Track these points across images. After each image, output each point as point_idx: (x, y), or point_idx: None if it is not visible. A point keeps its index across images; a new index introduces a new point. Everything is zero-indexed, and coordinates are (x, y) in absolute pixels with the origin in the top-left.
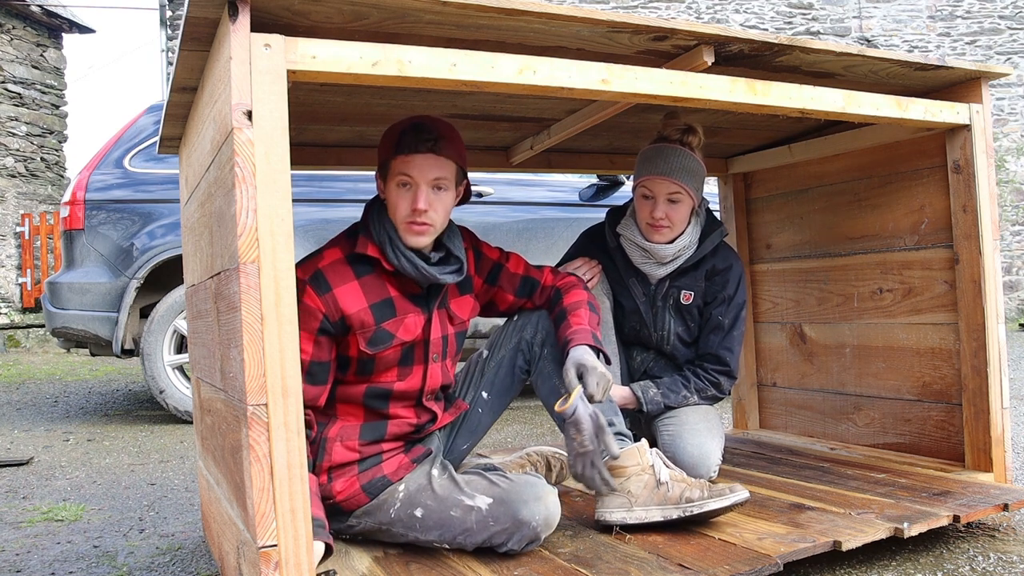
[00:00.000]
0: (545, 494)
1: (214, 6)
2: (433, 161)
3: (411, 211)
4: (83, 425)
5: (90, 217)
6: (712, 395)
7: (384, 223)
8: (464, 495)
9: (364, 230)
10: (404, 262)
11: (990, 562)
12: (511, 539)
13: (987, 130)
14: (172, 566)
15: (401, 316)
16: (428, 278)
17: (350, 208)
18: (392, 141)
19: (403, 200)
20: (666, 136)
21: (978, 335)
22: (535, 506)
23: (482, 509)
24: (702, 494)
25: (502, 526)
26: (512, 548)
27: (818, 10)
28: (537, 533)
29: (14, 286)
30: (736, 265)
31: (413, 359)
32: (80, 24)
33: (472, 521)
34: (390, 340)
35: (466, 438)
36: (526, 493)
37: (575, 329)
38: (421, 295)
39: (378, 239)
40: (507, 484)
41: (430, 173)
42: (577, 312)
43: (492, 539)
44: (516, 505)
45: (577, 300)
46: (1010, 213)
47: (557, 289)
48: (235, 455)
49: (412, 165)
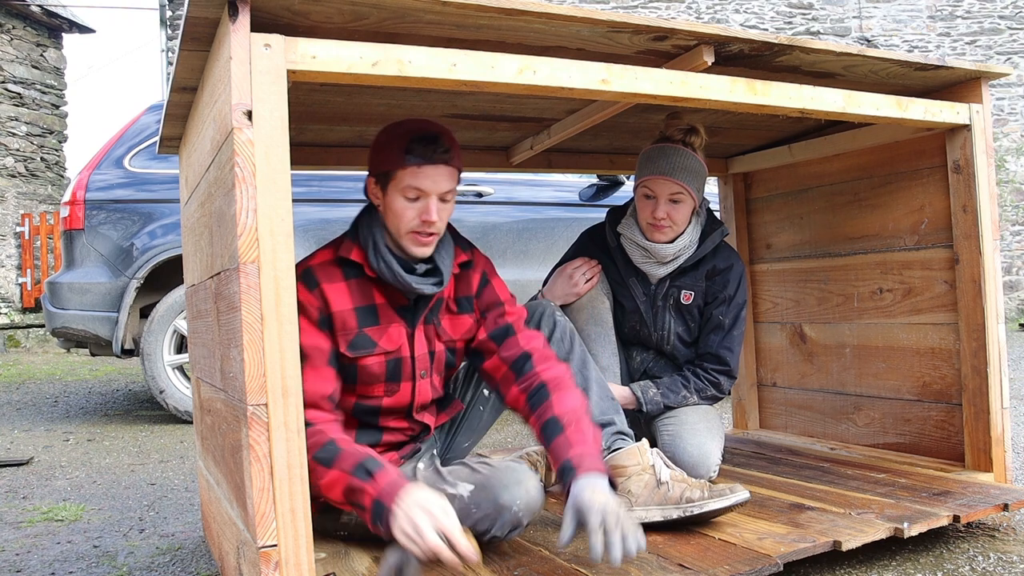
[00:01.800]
0: (526, 479)
1: (214, 6)
2: (445, 172)
3: (421, 223)
4: (83, 425)
5: (90, 217)
6: (712, 395)
7: (374, 229)
8: (447, 484)
9: (352, 235)
10: (383, 267)
11: (990, 562)
12: (494, 525)
13: (987, 130)
14: (172, 566)
15: (384, 325)
16: (406, 286)
17: (351, 208)
18: (399, 149)
19: (410, 211)
20: (668, 136)
21: (978, 335)
22: (515, 490)
23: (464, 497)
24: (702, 494)
25: (484, 512)
26: (496, 535)
27: (818, 10)
28: (519, 518)
29: (14, 286)
30: (737, 265)
31: (401, 376)
32: (80, 24)
33: (455, 510)
34: (372, 347)
35: (467, 435)
36: (506, 478)
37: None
38: (408, 307)
39: (363, 244)
40: (488, 470)
41: (443, 185)
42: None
43: (476, 526)
44: (496, 490)
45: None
46: (1010, 213)
47: (527, 354)
48: (235, 455)
49: (425, 177)
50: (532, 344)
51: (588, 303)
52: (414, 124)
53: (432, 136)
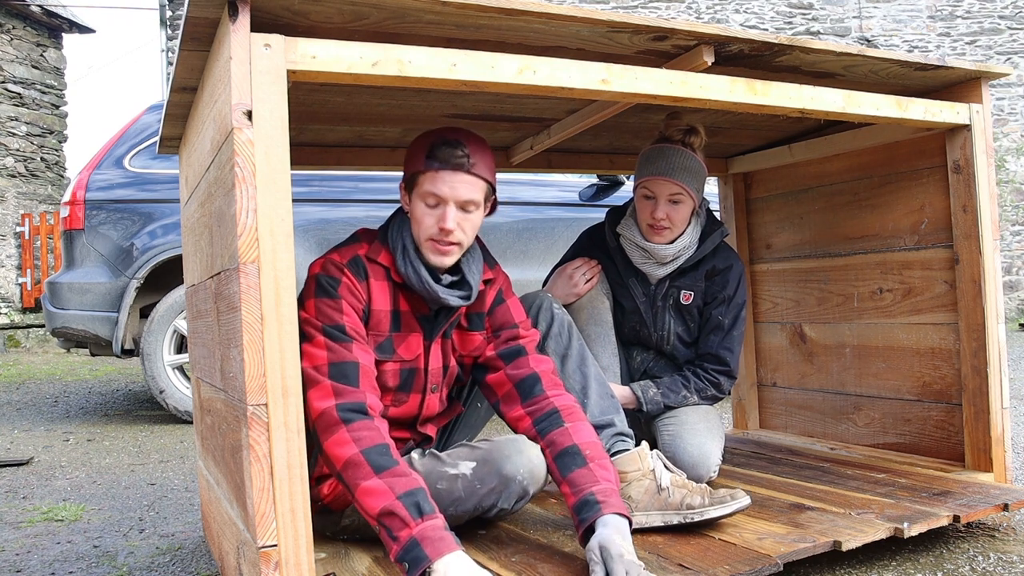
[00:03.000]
0: (526, 447)
1: (214, 6)
2: (463, 179)
3: (438, 230)
4: (83, 425)
5: (90, 217)
6: (712, 395)
7: (404, 233)
8: (447, 466)
9: (382, 237)
10: (411, 273)
11: (990, 562)
12: (500, 498)
13: (987, 130)
14: (172, 566)
15: (405, 332)
16: (432, 295)
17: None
18: (422, 153)
19: (429, 217)
20: (668, 136)
21: (978, 335)
22: (518, 459)
23: (467, 475)
24: (703, 501)
25: (489, 486)
26: (503, 507)
27: (818, 10)
28: (525, 487)
29: (14, 286)
30: (736, 265)
31: (411, 387)
32: (80, 24)
33: (460, 489)
34: (391, 354)
35: (464, 433)
36: (507, 448)
37: (606, 494)
38: (428, 317)
39: (392, 248)
40: (488, 445)
41: (461, 193)
42: (603, 463)
43: (482, 502)
44: (499, 462)
45: (590, 440)
46: (1010, 213)
47: (536, 376)
48: (235, 455)
49: (442, 183)
50: (542, 367)
51: (588, 303)
52: (443, 130)
53: (454, 142)
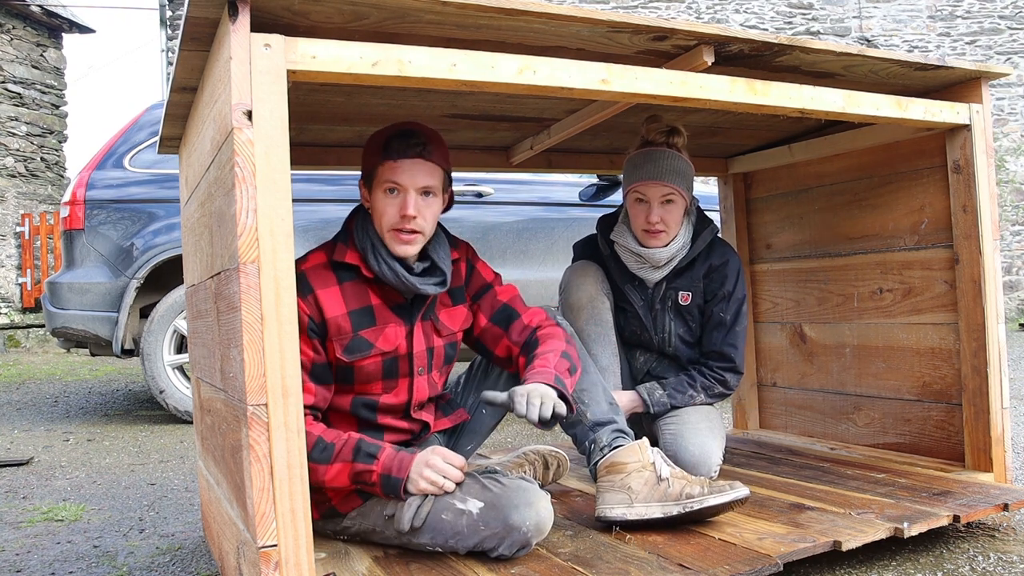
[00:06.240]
0: (536, 500)
1: (214, 6)
2: (421, 166)
3: (400, 218)
4: (83, 425)
5: (90, 217)
6: (719, 392)
7: (368, 231)
8: (456, 499)
9: (344, 237)
10: (386, 270)
11: (990, 562)
12: (502, 544)
13: (987, 130)
14: (172, 566)
15: (381, 325)
16: (410, 288)
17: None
18: (378, 147)
19: (390, 207)
20: (651, 140)
21: (978, 335)
22: (526, 512)
23: (473, 513)
24: (702, 490)
25: (492, 530)
26: (503, 553)
27: (818, 10)
28: (528, 539)
29: (14, 286)
30: (732, 260)
31: (398, 372)
32: (80, 24)
33: (463, 524)
34: (368, 349)
35: (470, 439)
36: (517, 498)
37: (537, 371)
38: (404, 305)
39: (360, 246)
40: (499, 488)
41: (419, 179)
42: (545, 356)
43: (483, 543)
44: (507, 510)
45: (551, 348)
46: (1010, 213)
47: (534, 330)
48: (235, 455)
49: (400, 171)
50: (536, 319)
51: (588, 303)
52: (395, 125)
53: (408, 132)
